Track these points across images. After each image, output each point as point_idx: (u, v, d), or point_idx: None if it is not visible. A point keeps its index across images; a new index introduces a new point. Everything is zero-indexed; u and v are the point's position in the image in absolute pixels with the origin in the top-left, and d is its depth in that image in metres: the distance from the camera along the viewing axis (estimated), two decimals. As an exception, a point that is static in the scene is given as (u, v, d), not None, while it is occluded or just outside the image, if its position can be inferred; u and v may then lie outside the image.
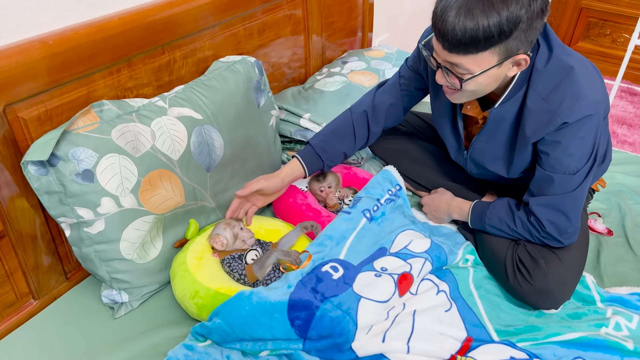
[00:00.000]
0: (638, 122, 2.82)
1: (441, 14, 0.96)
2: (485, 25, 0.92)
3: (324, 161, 1.36)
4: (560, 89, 1.05)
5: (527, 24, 0.95)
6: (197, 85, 1.27)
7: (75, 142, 1.03)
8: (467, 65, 1.00)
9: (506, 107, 1.12)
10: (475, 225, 1.30)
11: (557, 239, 1.18)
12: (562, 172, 1.11)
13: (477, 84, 1.04)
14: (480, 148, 1.24)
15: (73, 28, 1.08)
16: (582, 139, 1.08)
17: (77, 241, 1.11)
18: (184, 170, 1.19)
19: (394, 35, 2.61)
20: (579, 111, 1.04)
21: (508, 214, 1.23)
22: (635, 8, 2.96)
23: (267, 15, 1.58)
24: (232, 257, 1.18)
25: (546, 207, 1.16)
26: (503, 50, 0.97)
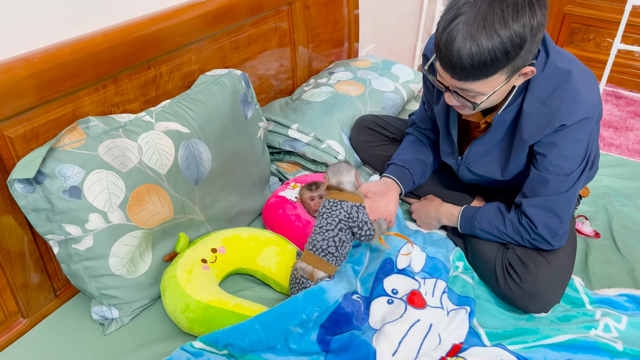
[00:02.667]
0: (624, 125, 2.86)
1: (446, 47, 0.95)
2: (490, 51, 0.93)
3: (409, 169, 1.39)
4: (558, 92, 1.07)
5: (531, 41, 0.96)
6: (184, 99, 1.28)
7: (62, 159, 1.03)
8: (477, 89, 1.01)
9: (507, 112, 1.15)
10: (465, 229, 1.31)
11: (547, 241, 1.19)
12: (556, 174, 1.13)
13: (489, 101, 1.06)
14: (476, 152, 1.26)
15: (58, 46, 1.09)
16: (577, 142, 1.10)
17: (65, 258, 1.10)
18: (172, 184, 1.19)
19: (380, 45, 2.64)
20: (576, 114, 1.06)
21: (498, 217, 1.24)
22: (617, 13, 3.00)
23: (253, 28, 1.59)
24: None
25: (539, 208, 1.17)
26: (510, 69, 0.99)
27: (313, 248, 1.13)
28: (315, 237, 1.14)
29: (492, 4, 0.93)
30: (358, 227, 1.15)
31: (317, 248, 1.13)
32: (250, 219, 1.48)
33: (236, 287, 1.27)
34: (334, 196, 1.16)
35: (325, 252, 1.13)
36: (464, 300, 1.20)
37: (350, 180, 1.19)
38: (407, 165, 1.40)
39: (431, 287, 1.19)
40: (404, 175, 1.38)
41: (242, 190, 1.41)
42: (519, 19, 0.93)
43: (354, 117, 1.70)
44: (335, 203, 1.15)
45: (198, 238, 1.28)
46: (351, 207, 1.14)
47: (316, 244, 1.13)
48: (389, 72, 1.96)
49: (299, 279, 1.13)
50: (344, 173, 1.19)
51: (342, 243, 1.14)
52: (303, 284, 1.13)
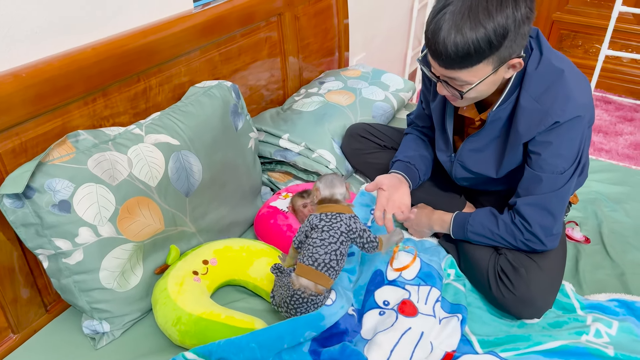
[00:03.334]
0: (613, 130, 2.89)
1: (433, 36, 1.00)
2: (474, 41, 0.97)
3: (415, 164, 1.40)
4: (551, 90, 1.10)
5: (515, 32, 0.99)
6: (174, 111, 1.28)
7: (51, 173, 1.03)
8: (464, 77, 1.04)
9: (501, 109, 1.17)
10: (458, 235, 1.32)
11: (541, 241, 1.19)
12: (550, 172, 1.15)
13: (476, 91, 1.09)
14: (470, 148, 1.27)
15: (46, 60, 1.09)
16: (571, 140, 1.12)
17: (55, 272, 1.10)
18: (162, 197, 1.19)
19: (370, 54, 2.65)
20: (570, 112, 1.09)
21: (490, 219, 1.25)
22: (604, 19, 3.04)
23: (244, 39, 1.60)
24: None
25: (533, 207, 1.18)
26: (496, 59, 1.02)
27: (315, 263, 1.09)
28: (316, 250, 1.10)
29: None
30: (359, 237, 1.14)
31: (320, 263, 1.09)
32: (241, 229, 1.48)
33: (228, 298, 1.27)
34: (329, 209, 1.15)
35: (327, 266, 1.09)
36: (456, 308, 1.20)
37: (342, 192, 1.18)
38: (412, 161, 1.41)
39: (425, 295, 1.19)
40: (411, 172, 1.40)
41: (233, 201, 1.41)
42: (503, 11, 0.96)
43: (344, 126, 1.71)
44: (334, 216, 1.13)
45: (189, 250, 1.28)
46: (349, 219, 1.14)
47: (318, 259, 1.09)
48: (379, 81, 1.97)
49: (307, 298, 1.09)
50: (337, 185, 1.18)
51: (342, 257, 1.12)
52: (313, 301, 1.09)
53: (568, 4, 3.21)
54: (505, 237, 1.23)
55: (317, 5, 1.92)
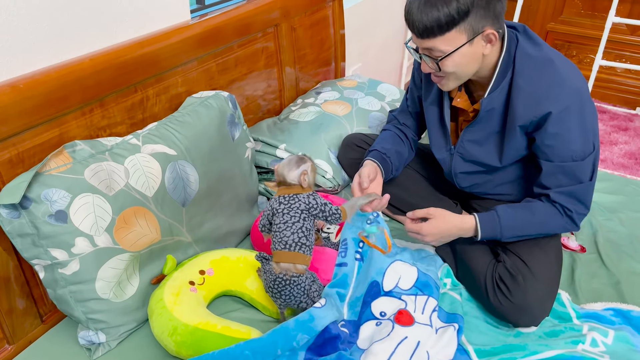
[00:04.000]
0: (608, 139, 2.91)
1: (408, 9, 1.11)
2: (444, 10, 1.06)
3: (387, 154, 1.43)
4: (544, 76, 1.15)
5: (484, 1, 1.07)
6: (171, 121, 1.29)
7: (48, 183, 1.03)
8: (439, 46, 1.11)
9: (494, 96, 1.20)
10: (487, 234, 1.26)
11: (576, 224, 1.24)
12: (571, 160, 1.17)
13: (454, 63, 1.13)
14: (469, 139, 1.29)
15: (44, 71, 1.10)
16: (577, 125, 1.14)
17: (51, 283, 1.10)
18: (158, 207, 1.19)
19: (366, 64, 2.67)
20: (562, 100, 1.13)
21: (520, 209, 1.25)
22: (598, 30, 3.07)
23: (240, 50, 1.61)
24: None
25: (567, 196, 1.21)
26: (468, 28, 1.09)
27: (286, 245, 1.13)
28: (282, 234, 1.14)
29: None
30: (321, 211, 1.17)
31: (290, 243, 1.13)
32: (238, 239, 1.48)
33: (224, 308, 1.27)
34: (286, 192, 1.19)
35: (298, 244, 1.13)
36: (452, 318, 1.20)
37: (294, 177, 1.19)
38: (388, 154, 1.44)
39: (421, 304, 1.20)
40: (385, 164, 1.42)
41: (229, 211, 1.42)
42: None
43: (341, 136, 1.72)
44: (292, 197, 1.17)
45: (186, 260, 1.28)
46: (307, 197, 1.17)
47: (287, 241, 1.13)
48: (375, 92, 1.98)
49: (290, 280, 1.12)
50: (287, 169, 1.20)
51: (309, 231, 1.16)
52: (296, 282, 1.13)
53: (562, 15, 3.25)
54: (544, 222, 1.23)
55: (313, 16, 1.94)
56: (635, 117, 3.14)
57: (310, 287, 1.16)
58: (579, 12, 3.20)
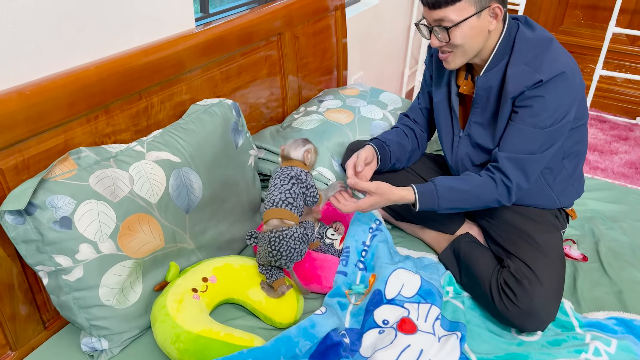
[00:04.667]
0: (609, 149, 2.91)
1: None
2: None
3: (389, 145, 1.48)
4: (540, 55, 1.20)
5: None
6: (175, 128, 1.29)
7: (53, 189, 1.04)
8: (450, 15, 1.17)
9: (491, 75, 1.26)
10: (425, 205, 1.26)
11: (510, 197, 1.25)
12: (532, 126, 1.21)
13: (462, 34, 1.19)
14: (476, 121, 1.33)
15: (50, 78, 1.10)
16: (558, 98, 1.19)
17: (55, 289, 1.10)
18: (162, 213, 1.20)
19: (368, 73, 2.69)
20: (554, 69, 1.17)
21: (457, 181, 1.27)
22: (598, 40, 3.09)
23: (244, 58, 1.62)
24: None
25: (513, 164, 1.23)
26: (476, 0, 1.15)
27: (273, 204, 1.26)
28: (271, 194, 1.28)
29: None
30: (306, 188, 1.31)
31: (277, 201, 1.26)
32: (241, 246, 1.48)
33: (227, 316, 1.27)
34: (287, 164, 1.36)
35: (285, 202, 1.26)
36: (455, 326, 1.20)
37: (298, 154, 1.37)
38: (388, 143, 1.48)
39: (424, 312, 1.20)
40: (384, 152, 1.46)
41: (232, 218, 1.42)
42: None
43: (343, 144, 1.73)
44: (286, 167, 1.34)
45: (189, 267, 1.28)
46: (300, 171, 1.32)
47: (274, 199, 1.27)
48: (377, 100, 1.99)
49: (282, 234, 1.19)
50: (293, 148, 1.38)
51: (297, 196, 1.28)
52: (288, 235, 1.20)
53: (562, 25, 3.27)
54: (478, 194, 1.25)
55: (316, 25, 1.95)
56: (636, 127, 3.15)
57: (308, 234, 1.23)
58: (579, 22, 3.22)
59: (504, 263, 1.29)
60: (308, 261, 1.36)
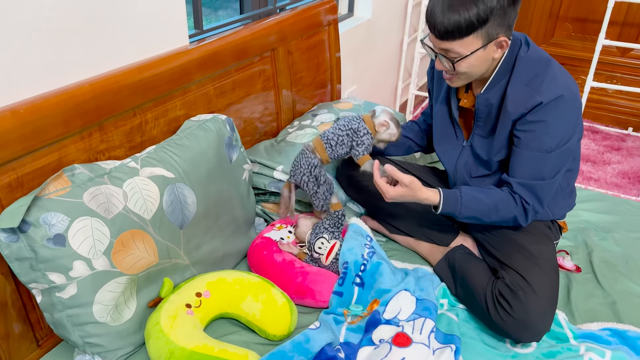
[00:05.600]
0: (601, 159, 2.94)
1: (430, 11, 1.18)
2: (465, 15, 1.13)
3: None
4: (540, 73, 1.23)
5: (501, 11, 1.14)
6: (169, 144, 1.30)
7: (47, 207, 1.04)
8: (457, 49, 1.18)
9: (492, 93, 1.29)
10: (446, 209, 1.29)
11: (527, 219, 1.29)
12: (537, 150, 1.22)
13: (468, 64, 1.21)
14: (479, 134, 1.35)
15: (44, 96, 1.11)
16: (559, 119, 1.20)
17: (48, 307, 1.10)
18: (156, 229, 1.20)
19: (362, 87, 2.71)
20: (553, 91, 1.19)
21: (481, 192, 1.30)
22: (589, 52, 3.13)
23: (238, 73, 1.64)
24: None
25: (527, 190, 1.26)
26: (484, 34, 1.16)
27: (323, 137, 1.47)
28: (329, 130, 1.48)
29: None
30: (356, 143, 1.46)
31: (325, 137, 1.47)
32: (235, 261, 1.48)
33: (222, 331, 1.27)
34: (364, 116, 1.49)
35: (328, 143, 1.46)
36: (450, 339, 1.21)
37: (377, 120, 1.48)
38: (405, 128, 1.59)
39: (419, 325, 1.20)
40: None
41: (227, 233, 1.42)
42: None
43: (337, 157, 1.74)
44: (357, 118, 1.49)
45: (183, 282, 1.28)
46: (364, 128, 1.46)
47: (327, 134, 1.47)
48: (371, 113, 2.00)
49: (304, 151, 1.47)
50: (382, 112, 1.49)
51: (342, 144, 1.46)
52: (303, 156, 1.46)
53: (553, 37, 3.31)
54: (498, 209, 1.27)
55: (309, 40, 1.97)
56: (628, 137, 3.18)
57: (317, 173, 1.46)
58: (570, 34, 3.26)
59: (499, 274, 1.29)
60: (302, 275, 1.36)
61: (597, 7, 3.10)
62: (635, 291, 1.39)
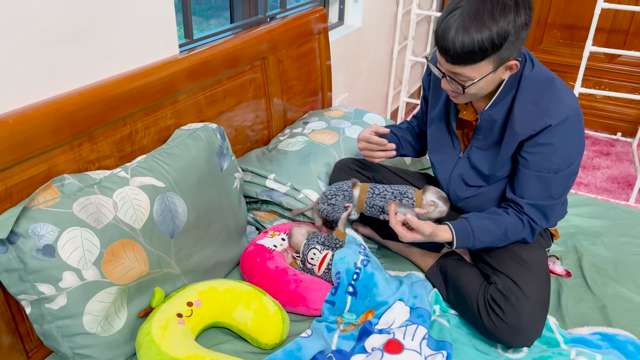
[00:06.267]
0: (591, 164, 2.96)
1: (442, 34, 1.13)
2: (479, 40, 1.09)
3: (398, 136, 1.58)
4: (546, 95, 1.23)
5: (515, 36, 1.12)
6: (159, 153, 1.30)
7: (36, 217, 1.04)
8: (467, 74, 1.16)
9: (496, 110, 1.28)
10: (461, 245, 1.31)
11: (534, 236, 1.32)
12: (546, 171, 1.23)
13: (477, 88, 1.20)
14: (477, 146, 1.35)
15: (33, 106, 1.11)
16: (567, 139, 1.21)
17: (38, 318, 1.09)
18: (147, 239, 1.20)
19: (353, 94, 2.72)
20: (561, 113, 1.20)
21: (490, 223, 1.31)
22: (577, 58, 3.17)
23: (229, 82, 1.64)
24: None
25: (535, 210, 1.28)
26: (497, 59, 1.14)
27: (372, 189, 1.47)
28: (381, 187, 1.47)
29: (484, 2, 1.10)
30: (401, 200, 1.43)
31: (373, 185, 1.48)
32: (227, 269, 1.48)
33: (214, 340, 1.26)
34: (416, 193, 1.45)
35: (373, 189, 1.46)
36: (441, 345, 1.21)
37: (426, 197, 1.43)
38: (396, 133, 1.59)
39: (411, 332, 1.20)
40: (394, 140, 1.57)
41: (218, 242, 1.42)
42: (506, 16, 1.09)
43: (329, 165, 1.74)
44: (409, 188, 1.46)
45: (174, 292, 1.27)
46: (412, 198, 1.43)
47: (378, 189, 1.47)
48: (361, 121, 2.02)
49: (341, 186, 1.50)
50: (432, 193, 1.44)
51: (382, 199, 1.44)
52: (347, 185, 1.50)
53: (542, 44, 3.34)
54: (508, 235, 1.30)
55: (300, 48, 1.98)
56: (617, 142, 3.21)
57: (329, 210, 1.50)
58: (558, 41, 3.30)
59: (491, 279, 1.30)
60: (295, 283, 1.36)
61: (584, 14, 3.14)
62: (624, 295, 1.40)
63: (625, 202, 2.62)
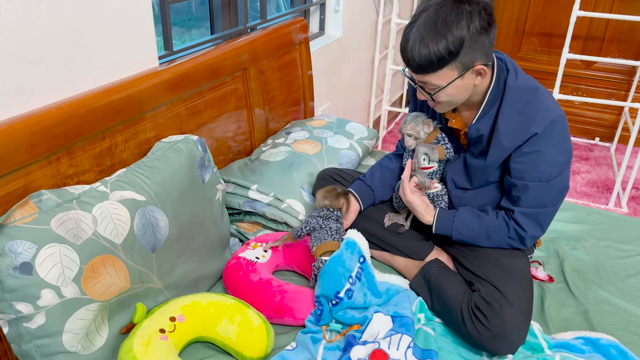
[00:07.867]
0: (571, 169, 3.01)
1: (403, 46, 1.20)
2: (435, 50, 1.14)
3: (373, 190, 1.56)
4: (531, 103, 1.25)
5: (472, 41, 1.15)
6: (139, 167, 1.29)
7: (12, 235, 1.01)
8: (433, 81, 1.20)
9: (482, 122, 1.30)
10: (440, 230, 1.39)
11: (524, 244, 1.34)
12: (538, 180, 1.25)
13: (447, 94, 1.23)
14: (472, 152, 1.38)
15: (9, 121, 1.09)
16: (554, 145, 1.23)
17: (16, 338, 1.06)
18: (128, 254, 1.18)
19: (335, 104, 2.73)
20: (546, 120, 1.22)
21: (474, 219, 1.34)
22: (554, 65, 3.22)
23: (210, 93, 1.63)
24: None
25: (528, 218, 1.30)
26: (459, 65, 1.17)
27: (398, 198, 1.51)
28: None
29: (438, 12, 1.15)
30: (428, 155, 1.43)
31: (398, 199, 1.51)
32: (210, 283, 1.46)
33: (197, 355, 1.24)
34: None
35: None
36: (427, 354, 1.21)
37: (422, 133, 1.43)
38: (368, 182, 1.57)
39: (396, 341, 1.20)
40: (367, 194, 1.56)
41: (201, 255, 1.40)
42: (459, 24, 1.13)
43: (312, 174, 1.74)
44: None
45: (156, 307, 1.25)
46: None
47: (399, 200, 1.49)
48: (344, 130, 2.02)
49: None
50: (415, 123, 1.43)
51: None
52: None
53: (520, 52, 3.40)
54: (490, 235, 1.33)
55: (281, 59, 1.99)
56: (595, 147, 3.27)
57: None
58: (536, 49, 3.36)
59: (474, 287, 1.30)
60: (280, 294, 1.35)
61: (560, 22, 3.20)
62: (606, 299, 1.42)
63: (605, 205, 2.66)
